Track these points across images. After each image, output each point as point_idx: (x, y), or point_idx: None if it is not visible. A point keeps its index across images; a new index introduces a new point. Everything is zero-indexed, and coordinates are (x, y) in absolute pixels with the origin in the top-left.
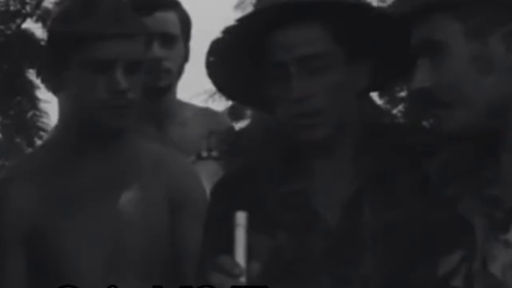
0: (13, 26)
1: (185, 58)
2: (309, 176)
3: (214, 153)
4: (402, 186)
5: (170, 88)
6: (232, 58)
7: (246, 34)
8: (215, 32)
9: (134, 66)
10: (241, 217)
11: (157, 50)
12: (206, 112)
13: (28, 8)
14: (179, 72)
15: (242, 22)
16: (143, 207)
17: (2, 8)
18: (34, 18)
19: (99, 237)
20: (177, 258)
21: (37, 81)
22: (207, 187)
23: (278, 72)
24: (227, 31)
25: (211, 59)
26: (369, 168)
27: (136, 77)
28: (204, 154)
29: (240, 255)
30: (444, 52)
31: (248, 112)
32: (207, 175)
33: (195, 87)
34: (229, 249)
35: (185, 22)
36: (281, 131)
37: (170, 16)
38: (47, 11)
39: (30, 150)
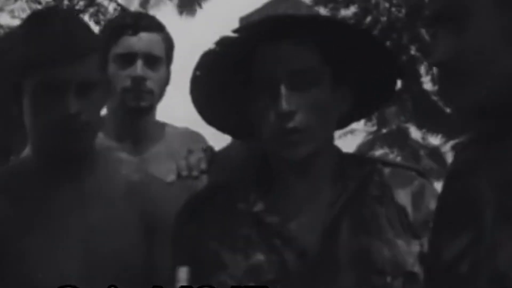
0: None
1: (167, 81)
2: (285, 197)
3: (194, 172)
4: (378, 214)
5: (151, 109)
6: (219, 72)
7: (237, 46)
8: None
9: (86, 87)
10: (183, 272)
11: (140, 69)
12: (186, 132)
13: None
14: (160, 94)
15: (234, 34)
16: (114, 228)
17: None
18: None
19: (68, 255)
20: (150, 279)
21: None
22: None
23: (266, 86)
24: (218, 43)
25: (198, 72)
26: (348, 192)
27: (90, 99)
28: (184, 173)
29: None
30: (472, 22)
31: None
32: (187, 194)
33: None
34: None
35: (169, 45)
36: (261, 149)
37: (155, 38)
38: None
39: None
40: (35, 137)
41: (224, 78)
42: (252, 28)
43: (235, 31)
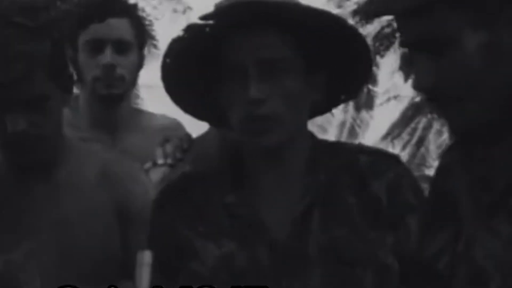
0: None
1: (140, 65)
2: (257, 187)
3: (170, 160)
4: (351, 205)
5: (124, 95)
6: (189, 59)
7: (206, 33)
8: None
9: (29, 104)
10: (146, 256)
11: (109, 56)
12: (163, 119)
13: None
14: (134, 79)
15: (202, 21)
16: (87, 217)
17: None
18: None
19: (42, 249)
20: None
21: None
22: None
23: (236, 74)
24: (187, 30)
25: (168, 60)
26: (320, 184)
27: (38, 111)
28: (160, 161)
29: None
30: (449, 45)
31: None
32: (162, 183)
33: None
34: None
35: (139, 29)
36: (235, 139)
37: (124, 23)
38: None
39: None
40: None
41: (195, 65)
42: (221, 15)
43: (202, 17)
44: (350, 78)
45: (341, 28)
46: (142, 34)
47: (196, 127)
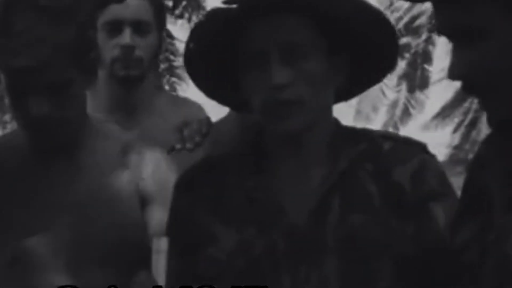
0: None
1: (159, 46)
2: (277, 172)
3: (188, 145)
4: (371, 193)
5: (143, 77)
6: (211, 45)
7: (229, 18)
8: None
9: (52, 89)
10: (162, 243)
11: (128, 37)
12: (183, 102)
13: None
14: (153, 61)
15: (225, 6)
16: (106, 199)
17: None
18: None
19: (56, 228)
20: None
21: None
22: None
23: (258, 59)
24: (209, 15)
25: (191, 45)
26: (340, 171)
27: (62, 95)
28: (178, 146)
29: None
30: (483, 35)
31: None
32: (181, 167)
33: None
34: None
35: (159, 9)
36: (256, 123)
37: (142, 3)
38: None
39: None
40: (19, 128)
41: (217, 50)
42: (242, 0)
43: (225, 2)
44: (374, 63)
45: (365, 12)
46: (162, 16)
47: (220, 112)
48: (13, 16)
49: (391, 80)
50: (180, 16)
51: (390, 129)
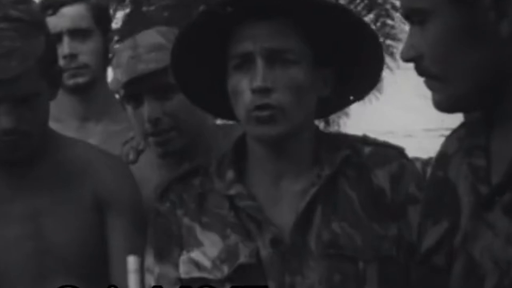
0: None
1: (106, 49)
2: (261, 180)
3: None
4: (353, 198)
5: (93, 82)
6: (198, 49)
7: (215, 23)
8: None
9: (21, 100)
10: (133, 262)
11: (66, 47)
12: None
13: None
14: (101, 65)
15: (212, 10)
16: (67, 209)
17: None
18: None
19: (18, 241)
20: (106, 259)
21: None
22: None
23: (243, 63)
24: (198, 18)
25: (176, 49)
26: (323, 178)
27: (29, 107)
28: (131, 156)
29: None
30: (429, 20)
31: None
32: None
33: None
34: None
35: (100, 14)
36: (240, 129)
37: (79, 10)
38: None
39: None
40: None
41: (204, 54)
42: (231, 4)
43: (211, 7)
44: (360, 78)
45: (353, 24)
46: (103, 19)
47: None
48: None
49: None
50: None
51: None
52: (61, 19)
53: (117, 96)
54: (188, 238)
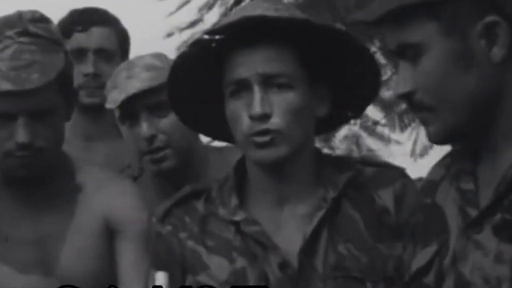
0: None
1: None
2: (264, 205)
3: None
4: (357, 220)
5: (104, 104)
6: (193, 76)
7: (210, 49)
8: None
9: (39, 115)
10: (160, 278)
11: (91, 65)
12: None
13: None
14: None
15: (207, 36)
16: (75, 234)
17: None
18: None
19: (25, 265)
20: (113, 283)
21: None
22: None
23: (240, 89)
24: (192, 45)
25: (173, 76)
26: (328, 201)
27: (45, 123)
28: (136, 174)
29: None
30: (422, 53)
31: None
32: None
33: None
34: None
35: (123, 39)
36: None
37: (107, 32)
38: None
39: None
40: None
41: (200, 81)
42: (225, 30)
43: (207, 33)
44: (356, 95)
45: (347, 43)
46: (126, 44)
47: None
48: (3, 41)
49: None
50: None
51: None
52: (90, 38)
53: None
54: (192, 261)
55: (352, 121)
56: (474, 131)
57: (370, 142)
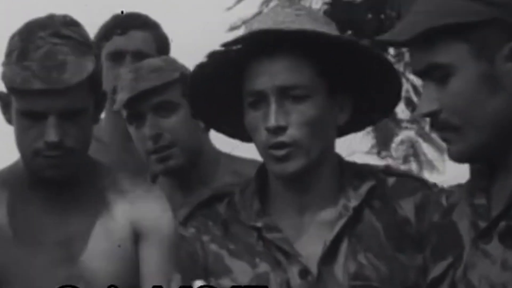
0: None
1: None
2: (285, 212)
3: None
4: (378, 229)
5: None
6: (214, 84)
7: (229, 59)
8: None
9: (69, 115)
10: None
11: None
12: None
13: None
14: None
15: (227, 47)
16: (101, 237)
17: None
18: None
19: (50, 267)
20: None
21: None
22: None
23: (257, 101)
24: (210, 57)
25: (193, 86)
26: (350, 210)
27: (75, 124)
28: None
29: None
30: (451, 74)
31: None
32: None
33: None
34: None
35: (162, 43)
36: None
37: (145, 36)
38: None
39: None
40: (21, 157)
41: (219, 92)
42: (243, 42)
43: (225, 44)
44: (379, 98)
45: (363, 51)
46: (165, 49)
47: None
48: (35, 41)
49: None
50: None
51: None
52: (128, 41)
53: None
54: (215, 264)
55: (409, 126)
56: (495, 151)
57: (425, 148)
